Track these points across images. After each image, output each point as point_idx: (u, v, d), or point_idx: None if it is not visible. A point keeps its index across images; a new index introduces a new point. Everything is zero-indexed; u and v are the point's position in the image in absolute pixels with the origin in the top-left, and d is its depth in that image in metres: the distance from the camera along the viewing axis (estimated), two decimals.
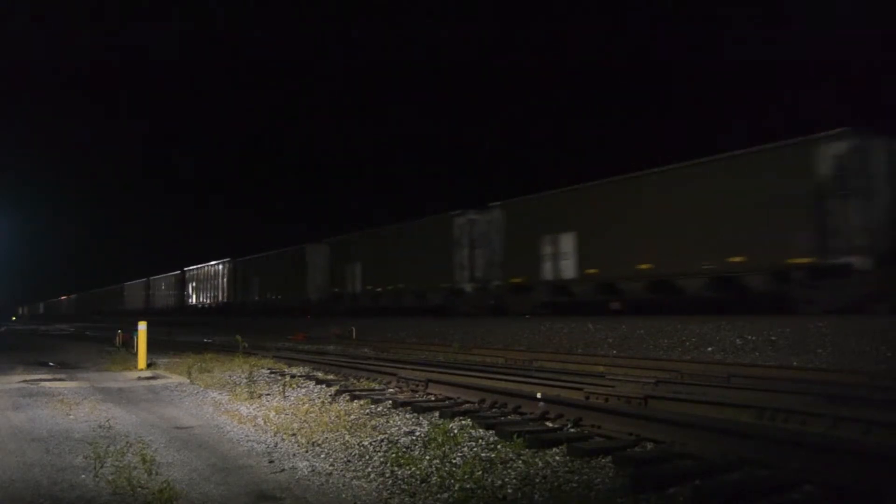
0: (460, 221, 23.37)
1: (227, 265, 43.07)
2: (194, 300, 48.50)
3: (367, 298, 28.77)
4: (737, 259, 15.07)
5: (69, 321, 63.09)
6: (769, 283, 14.75)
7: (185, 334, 27.91)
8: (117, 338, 17.93)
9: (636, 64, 62.87)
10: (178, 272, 51.84)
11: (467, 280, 23.08)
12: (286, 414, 7.16)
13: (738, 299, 15.42)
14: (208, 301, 45.80)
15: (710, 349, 13.24)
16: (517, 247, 21.09)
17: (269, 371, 11.29)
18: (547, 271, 19.76)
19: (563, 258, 19.21)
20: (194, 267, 49.14)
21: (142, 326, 12.93)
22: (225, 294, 43.22)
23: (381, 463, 5.05)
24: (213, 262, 45.65)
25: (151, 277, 59.06)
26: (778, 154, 14.61)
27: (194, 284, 48.72)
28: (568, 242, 19.13)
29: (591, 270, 18.51)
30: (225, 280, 43.25)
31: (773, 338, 12.62)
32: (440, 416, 6.66)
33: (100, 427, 6.57)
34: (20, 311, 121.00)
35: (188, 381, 10.34)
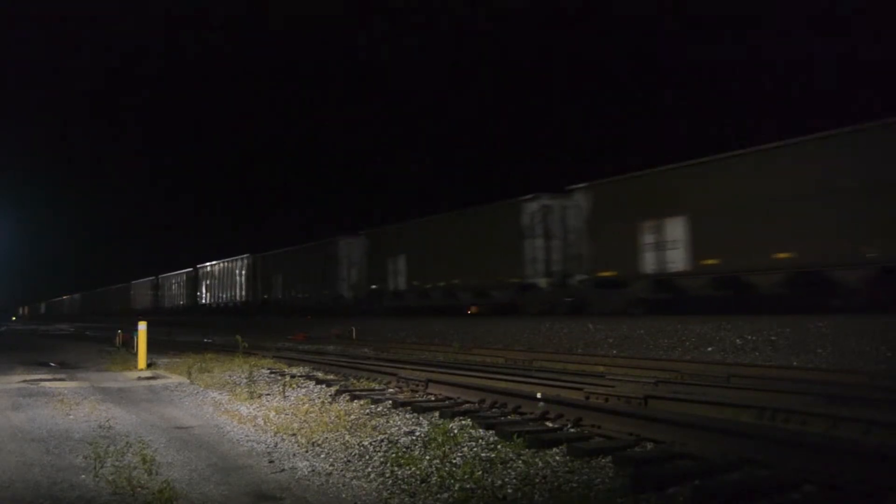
0: (532, 207, 20.18)
1: (245, 261, 39.64)
2: (208, 299, 45.15)
3: (414, 296, 25.50)
4: None
5: (72, 321, 61.71)
6: None
7: (185, 334, 27.92)
8: (117, 338, 17.93)
9: (635, 63, 62.72)
10: (191, 269, 48.55)
11: (541, 274, 19.93)
12: (286, 414, 7.17)
13: None
14: (224, 300, 42.41)
15: (710, 349, 13.24)
16: (607, 235, 17.89)
17: (269, 371, 11.29)
18: (647, 263, 16.63)
19: (671, 247, 16.09)
20: (209, 264, 45.49)
21: (142, 326, 12.93)
22: (243, 292, 39.87)
23: (381, 463, 5.06)
24: (230, 258, 41.97)
25: (161, 275, 56.05)
26: None
27: (209, 282, 45.29)
28: (676, 228, 16.01)
29: (709, 261, 15.47)
30: (243, 277, 39.86)
31: (773, 338, 12.61)
32: (440, 416, 6.66)
33: (100, 427, 6.57)
34: (20, 311, 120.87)
35: (188, 381, 10.34)
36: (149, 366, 12.53)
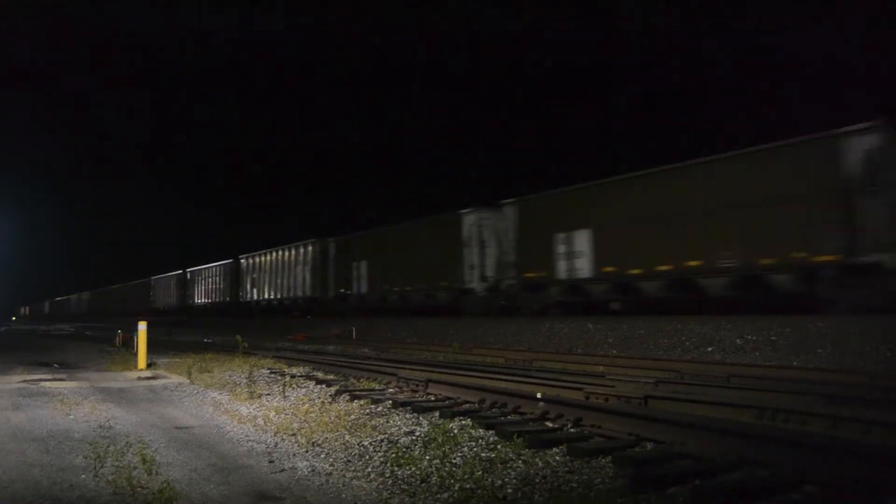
0: (863, 143, 13.19)
1: (311, 248, 32.44)
2: (255, 295, 38.33)
3: (607, 287, 18.03)
4: None
5: (80, 322, 57.72)
6: None
7: (185, 334, 27.95)
8: (117, 338, 17.96)
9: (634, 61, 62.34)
10: (231, 261, 41.80)
11: (887, 248, 12.84)
12: (286, 414, 7.17)
13: None
14: (279, 296, 35.59)
15: (710, 349, 13.25)
16: None
17: (269, 371, 11.30)
18: None
19: None
20: (255, 253, 38.61)
21: (142, 326, 12.94)
22: (307, 287, 32.62)
23: (381, 463, 5.06)
24: (286, 246, 34.91)
25: (189, 269, 49.56)
26: None
27: (255, 276, 38.28)
28: None
29: None
30: (308, 268, 32.58)
31: (773, 338, 12.62)
32: (440, 416, 6.67)
33: (100, 427, 6.57)
34: (21, 311, 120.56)
35: (188, 381, 10.34)
36: (149, 366, 12.54)
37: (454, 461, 4.97)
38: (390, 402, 7.61)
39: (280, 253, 35.70)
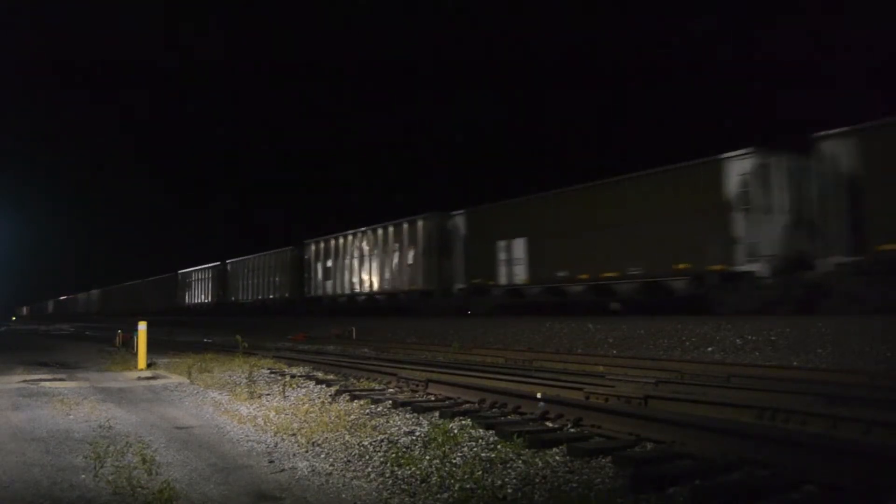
0: None
1: (424, 224, 25.15)
2: (329, 290, 31.11)
3: None
4: None
5: (86, 322, 54.13)
6: None
7: (185, 334, 27.93)
8: (117, 338, 17.96)
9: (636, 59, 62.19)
10: (292, 248, 35.04)
11: None
12: (286, 414, 7.17)
13: None
14: (366, 290, 28.41)
15: (710, 349, 13.25)
16: None
17: (269, 371, 11.30)
18: None
19: None
20: (329, 236, 31.37)
21: (142, 326, 12.93)
22: (419, 277, 25.37)
23: (381, 463, 5.06)
24: (379, 224, 27.73)
25: (229, 261, 42.75)
26: None
27: (330, 265, 31.03)
28: None
29: None
30: (416, 252, 25.43)
31: (773, 338, 12.62)
32: (440, 416, 6.67)
33: (100, 427, 6.57)
34: (22, 311, 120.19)
35: (188, 381, 10.34)
36: (149, 366, 12.53)
37: (454, 461, 4.97)
38: (390, 402, 7.61)
39: (367, 235, 28.50)
